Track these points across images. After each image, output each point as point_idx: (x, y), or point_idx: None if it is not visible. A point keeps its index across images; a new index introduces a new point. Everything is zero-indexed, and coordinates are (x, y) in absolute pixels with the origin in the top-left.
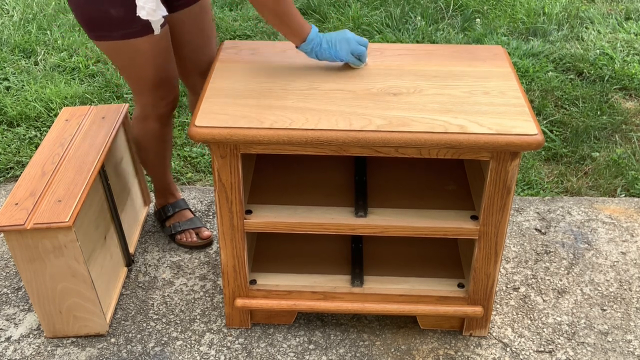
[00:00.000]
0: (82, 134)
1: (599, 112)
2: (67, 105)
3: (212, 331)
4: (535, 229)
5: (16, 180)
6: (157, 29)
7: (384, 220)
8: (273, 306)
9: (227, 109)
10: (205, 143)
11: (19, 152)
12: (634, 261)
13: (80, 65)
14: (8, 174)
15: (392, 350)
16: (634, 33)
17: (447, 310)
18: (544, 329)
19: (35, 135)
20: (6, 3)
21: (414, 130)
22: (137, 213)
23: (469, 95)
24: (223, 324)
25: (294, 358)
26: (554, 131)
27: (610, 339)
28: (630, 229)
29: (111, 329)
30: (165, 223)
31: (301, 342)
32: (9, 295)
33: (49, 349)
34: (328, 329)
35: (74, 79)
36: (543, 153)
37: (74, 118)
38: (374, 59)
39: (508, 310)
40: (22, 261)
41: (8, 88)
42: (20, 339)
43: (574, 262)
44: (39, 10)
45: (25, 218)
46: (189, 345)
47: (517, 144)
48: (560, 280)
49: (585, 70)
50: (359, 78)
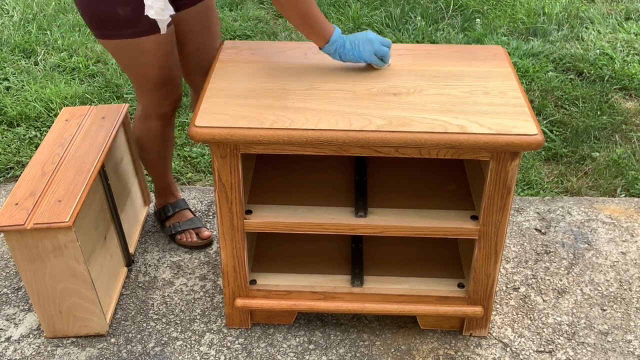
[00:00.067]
0: (82, 134)
1: (599, 112)
2: (67, 105)
3: (212, 331)
4: (535, 229)
5: (16, 180)
6: (164, 29)
7: (384, 220)
8: (273, 306)
9: (227, 109)
10: (205, 143)
11: (19, 152)
12: (634, 261)
13: (80, 65)
14: (8, 174)
15: (392, 350)
16: (634, 33)
17: (447, 310)
18: (544, 329)
19: (35, 135)
20: (6, 3)
21: (414, 130)
22: (137, 213)
23: (469, 95)
24: (223, 324)
25: (294, 358)
26: (554, 131)
27: (610, 339)
28: (630, 229)
29: (111, 329)
30: (165, 223)
31: (301, 342)
32: (9, 295)
33: (49, 349)
34: (328, 329)
35: (74, 79)
36: (543, 153)
37: (74, 118)
38: None
39: (508, 310)
40: (22, 261)
41: (8, 88)
42: (20, 339)
43: (574, 262)
44: (39, 10)
45: (25, 218)
46: (189, 345)
47: (517, 144)
48: (560, 280)
49: (585, 70)
50: (359, 78)
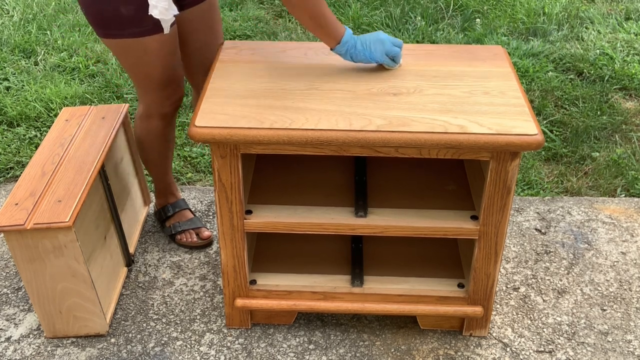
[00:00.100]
0: (82, 134)
1: (599, 112)
2: (67, 105)
3: (212, 331)
4: (535, 229)
5: (16, 180)
6: (167, 28)
7: (384, 220)
8: (273, 306)
9: (227, 109)
10: (205, 143)
11: (19, 152)
12: (634, 261)
13: (80, 65)
14: (8, 174)
15: (392, 350)
16: (634, 33)
17: (447, 310)
18: (544, 329)
19: (35, 135)
20: (6, 3)
21: (414, 130)
22: (137, 213)
23: (469, 95)
24: (223, 324)
25: (294, 358)
26: (554, 131)
27: (610, 339)
28: (630, 229)
29: (111, 329)
30: (166, 223)
31: (301, 342)
32: (9, 295)
33: (49, 349)
34: (328, 329)
35: (74, 79)
36: (543, 153)
37: (74, 118)
38: None
39: (508, 310)
40: (22, 261)
41: (8, 88)
42: (20, 339)
43: (574, 262)
44: (39, 10)
45: (25, 218)
46: (189, 345)
47: (517, 144)
48: (560, 280)
49: (585, 70)
50: (359, 78)
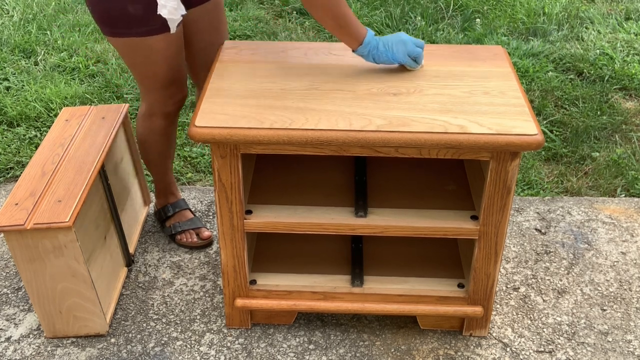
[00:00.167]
0: (82, 134)
1: (599, 112)
2: (67, 105)
3: (212, 331)
4: (535, 229)
5: (16, 180)
6: (174, 28)
7: (384, 220)
8: (273, 306)
9: (227, 109)
10: (205, 143)
11: (19, 152)
12: (634, 261)
13: (80, 65)
14: (8, 174)
15: (392, 350)
16: (634, 33)
17: (447, 310)
18: (544, 329)
19: (35, 135)
20: (6, 3)
21: (414, 130)
22: (137, 213)
23: (469, 95)
24: (223, 324)
25: (294, 358)
26: (554, 131)
27: (610, 339)
28: (630, 229)
29: (111, 329)
30: (166, 223)
31: (301, 342)
32: (9, 295)
33: (49, 349)
34: (328, 329)
35: (74, 79)
36: (543, 153)
37: (74, 118)
38: None
39: (508, 310)
40: (22, 261)
41: (8, 88)
42: (20, 339)
43: (574, 262)
44: (39, 10)
45: (25, 218)
46: (189, 346)
47: (517, 144)
48: (560, 280)
49: (585, 70)
50: (359, 78)
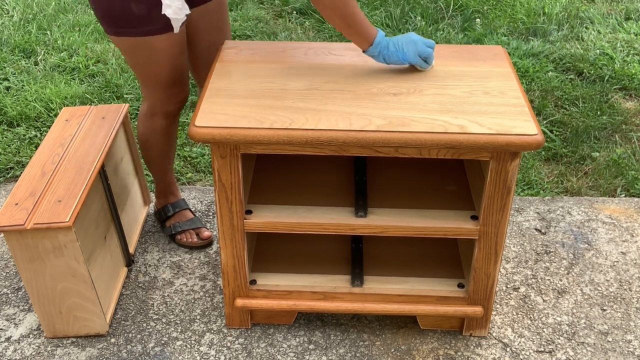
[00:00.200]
0: (82, 134)
1: (599, 112)
2: (67, 105)
3: (212, 331)
4: (535, 229)
5: (16, 180)
6: (177, 28)
7: (384, 220)
8: (273, 306)
9: (227, 109)
10: (205, 143)
11: (19, 152)
12: (634, 261)
13: (80, 65)
14: (8, 174)
15: (392, 350)
16: (634, 33)
17: (447, 310)
18: (544, 329)
19: (35, 135)
20: (6, 3)
21: (414, 130)
22: (137, 213)
23: (469, 95)
24: (223, 324)
25: (294, 358)
26: (554, 131)
27: (610, 339)
28: (630, 229)
29: (111, 329)
30: (166, 223)
31: (301, 342)
32: (9, 295)
33: (49, 349)
34: (328, 329)
35: (74, 79)
36: (543, 153)
37: (74, 118)
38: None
39: (508, 310)
40: (22, 261)
41: (8, 88)
42: (20, 339)
43: (574, 262)
44: (39, 10)
45: (25, 218)
46: (189, 346)
47: (517, 144)
48: (560, 280)
49: (585, 70)
50: (359, 78)
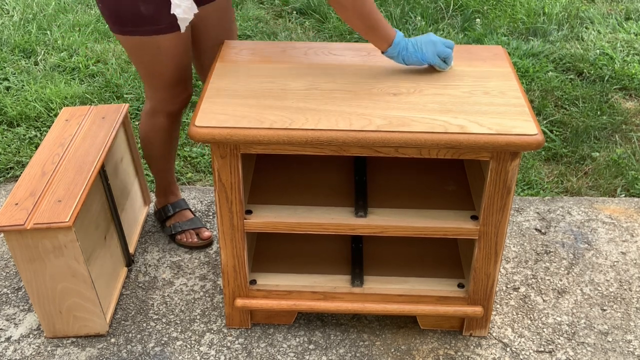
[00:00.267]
0: (82, 134)
1: (599, 112)
2: (67, 105)
3: (212, 331)
4: (535, 229)
5: (16, 180)
6: (184, 27)
7: (384, 220)
8: (273, 306)
9: (227, 109)
10: (205, 143)
11: (19, 152)
12: (634, 261)
13: (80, 65)
14: (8, 174)
15: (392, 350)
16: (634, 33)
17: (447, 310)
18: (544, 329)
19: (35, 135)
20: (6, 3)
21: (414, 130)
22: (137, 213)
23: (469, 95)
24: (223, 324)
25: (294, 358)
26: (554, 131)
27: (610, 339)
28: (630, 229)
29: (111, 329)
30: (166, 223)
31: (301, 342)
32: (9, 295)
33: (49, 349)
34: (328, 329)
35: (74, 79)
36: (543, 153)
37: (74, 118)
38: (374, 58)
39: (508, 310)
40: (22, 261)
41: (8, 88)
42: (20, 339)
43: (574, 262)
44: (39, 10)
45: (25, 218)
46: (189, 345)
47: (517, 144)
48: (560, 280)
49: (585, 70)
50: (358, 78)
